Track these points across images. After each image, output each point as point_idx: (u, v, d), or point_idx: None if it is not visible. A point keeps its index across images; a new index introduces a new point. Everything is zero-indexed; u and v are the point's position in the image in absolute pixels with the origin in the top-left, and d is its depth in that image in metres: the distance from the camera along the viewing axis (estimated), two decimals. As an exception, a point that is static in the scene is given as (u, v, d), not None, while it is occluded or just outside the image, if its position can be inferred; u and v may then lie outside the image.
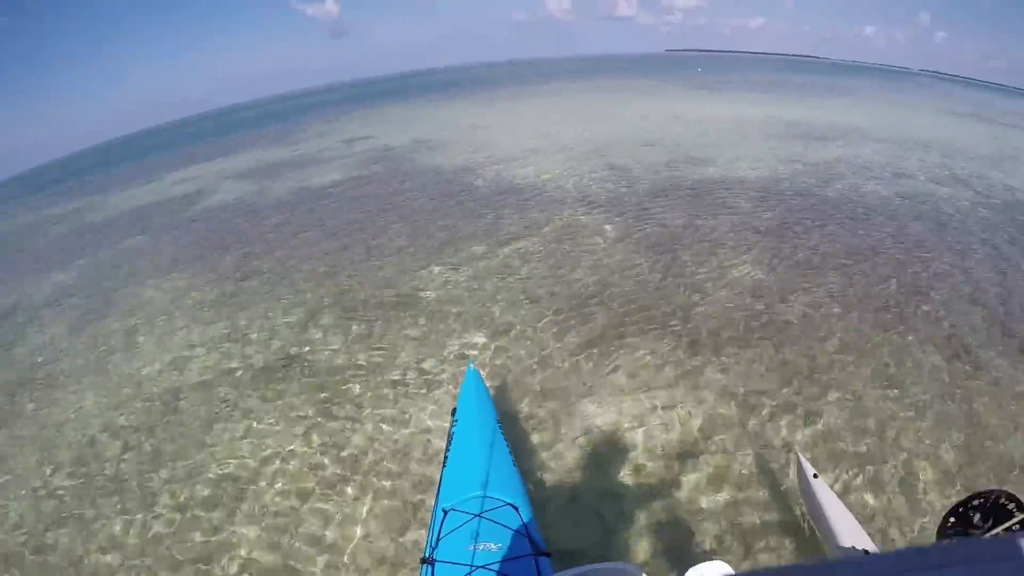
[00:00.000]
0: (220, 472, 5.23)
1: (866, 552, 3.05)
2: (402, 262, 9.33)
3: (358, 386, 6.20)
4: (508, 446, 3.89)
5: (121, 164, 37.81)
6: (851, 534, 3.50)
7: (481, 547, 3.02)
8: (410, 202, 12.92)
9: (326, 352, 6.94)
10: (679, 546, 4.12)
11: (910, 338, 6.66)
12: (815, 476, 3.93)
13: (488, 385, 5.26)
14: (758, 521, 4.29)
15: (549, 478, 4.76)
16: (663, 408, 5.52)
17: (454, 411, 4.22)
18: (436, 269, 8.90)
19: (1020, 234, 10.87)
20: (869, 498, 4.46)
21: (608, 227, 10.19)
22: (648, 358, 6.30)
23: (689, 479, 4.69)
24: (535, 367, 6.26)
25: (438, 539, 3.14)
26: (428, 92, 60.73)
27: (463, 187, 13.74)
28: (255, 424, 5.80)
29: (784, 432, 5.18)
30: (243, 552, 4.36)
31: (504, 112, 31.31)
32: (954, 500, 3.85)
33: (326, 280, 9.04)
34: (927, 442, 5.01)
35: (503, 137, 21.15)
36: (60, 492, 5.40)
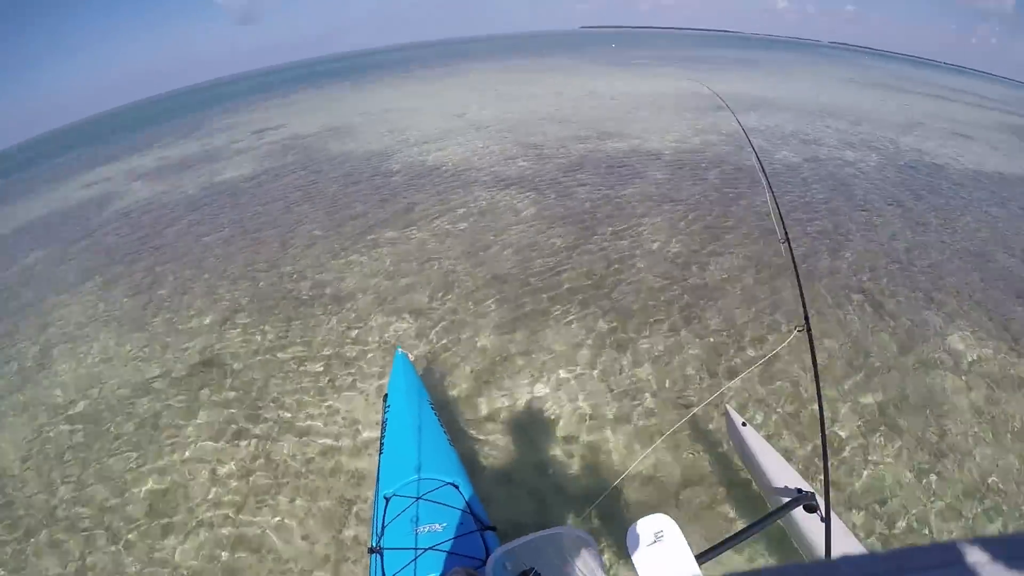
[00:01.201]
0: (149, 489, 5.10)
1: (800, 491, 3.37)
2: (319, 253, 9.28)
3: (283, 384, 6.18)
4: (443, 426, 4.03)
5: (17, 173, 35.72)
6: (781, 473, 3.84)
7: (426, 529, 3.13)
8: (324, 191, 12.80)
9: (247, 353, 6.86)
10: (620, 505, 4.40)
11: (822, 291, 7.36)
12: (743, 424, 4.26)
13: (417, 368, 5.35)
14: (695, 473, 4.65)
15: (487, 453, 4.94)
16: (591, 378, 5.81)
17: (386, 397, 4.30)
18: (354, 257, 8.90)
19: (924, 191, 12.18)
20: (790, 439, 4.97)
21: (524, 204, 10.49)
22: (573, 330, 6.60)
23: (623, 442, 5.00)
24: (462, 347, 6.44)
25: (383, 527, 3.23)
26: (341, 77, 59.70)
27: (377, 172, 13.72)
28: (181, 434, 5.70)
29: (711, 389, 5.58)
30: (183, 572, 4.32)
31: (418, 94, 31.13)
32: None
33: (242, 279, 8.89)
34: (844, 388, 5.63)
35: (417, 119, 21.18)
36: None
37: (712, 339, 6.34)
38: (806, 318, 3.36)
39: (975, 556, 0.46)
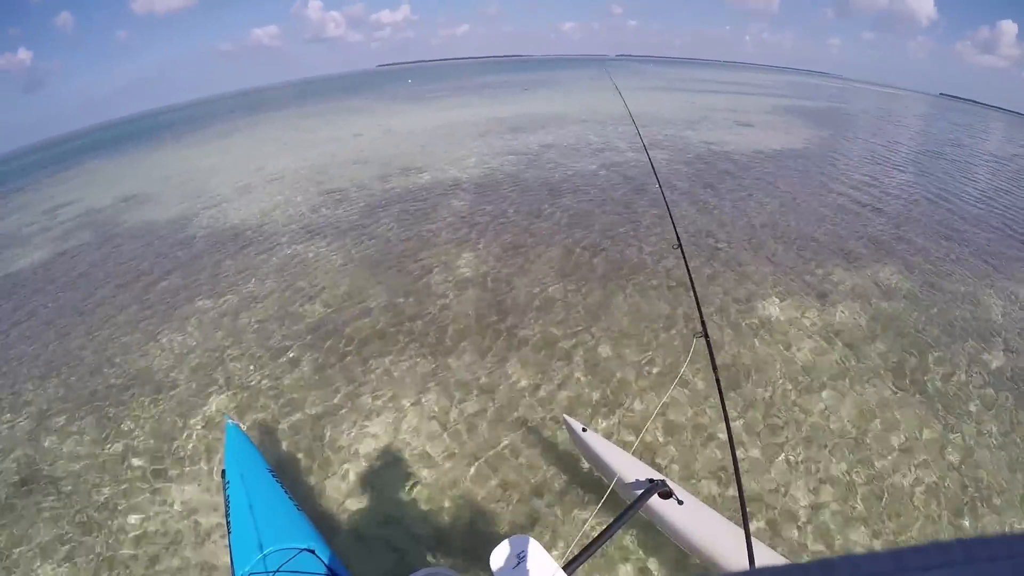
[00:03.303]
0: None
1: (651, 481, 3.61)
2: (126, 337, 8.48)
3: (108, 488, 5.45)
4: (287, 492, 3.85)
5: None
6: (630, 468, 3.99)
7: None
8: (124, 267, 11.77)
9: (65, 459, 5.99)
10: (480, 535, 4.39)
11: (628, 291, 7.96)
12: (584, 430, 4.38)
13: (251, 437, 4.96)
14: (547, 487, 4.73)
15: (337, 511, 4.75)
16: (424, 417, 5.76)
17: (223, 473, 4.03)
18: (165, 335, 8.20)
19: (714, 179, 13.79)
20: (631, 435, 5.21)
21: (331, 252, 10.30)
22: (398, 372, 6.51)
23: (470, 472, 4.98)
24: (291, 408, 6.14)
25: None
26: (135, 140, 56.06)
27: (180, 240, 12.82)
28: (5, 564, 4.88)
29: (546, 403, 5.75)
30: None
31: (215, 151, 29.78)
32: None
33: (49, 376, 7.84)
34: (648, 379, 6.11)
35: (215, 179, 20.24)
36: None
37: (542, 355, 6.57)
38: (703, 323, 3.65)
39: (976, 555, 0.46)
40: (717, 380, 3.24)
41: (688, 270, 3.99)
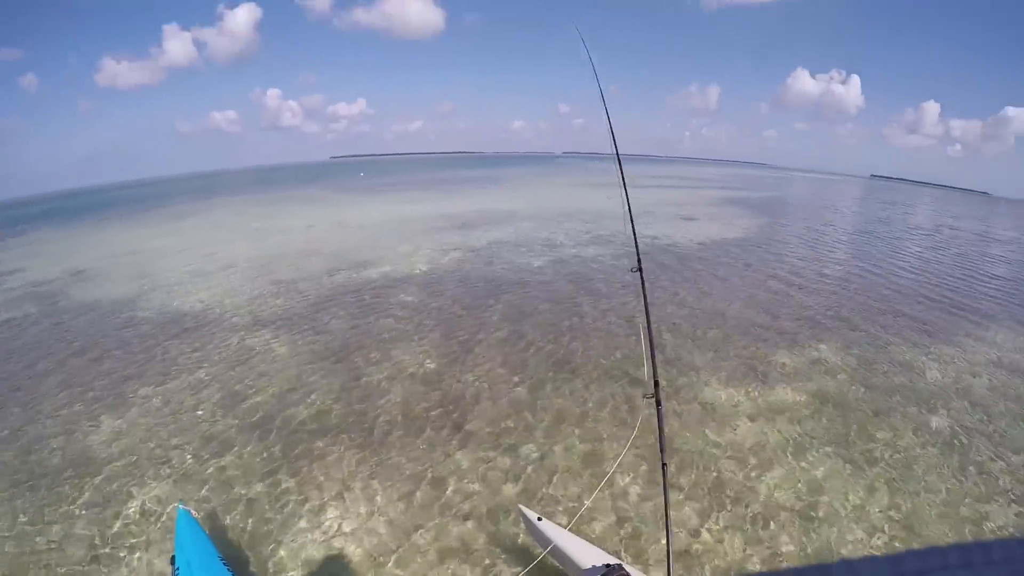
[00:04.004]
0: None
1: (608, 566, 3.54)
2: (66, 420, 8.08)
3: None
4: None
5: None
6: (589, 555, 3.98)
7: None
8: (68, 347, 11.29)
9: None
10: None
11: (577, 383, 8.01)
12: (539, 519, 4.38)
13: (202, 524, 4.73)
14: None
15: None
16: (374, 508, 5.61)
17: (172, 559, 3.92)
18: (105, 416, 7.84)
19: (659, 271, 14.30)
20: (585, 522, 5.10)
21: (278, 344, 10.11)
22: (345, 465, 6.38)
23: (421, 565, 4.82)
24: (238, 497, 5.92)
25: None
26: (87, 213, 55.06)
27: (126, 323, 12.43)
28: None
29: (496, 493, 5.66)
30: None
31: (168, 232, 29.37)
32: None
33: None
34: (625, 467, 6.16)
35: (167, 261, 19.96)
36: None
37: (478, 448, 6.50)
38: (656, 384, 3.60)
39: (975, 559, 0.41)
40: (661, 446, 3.26)
41: (648, 325, 3.97)
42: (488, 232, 20.60)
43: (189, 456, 6.75)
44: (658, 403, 3.54)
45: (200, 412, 7.86)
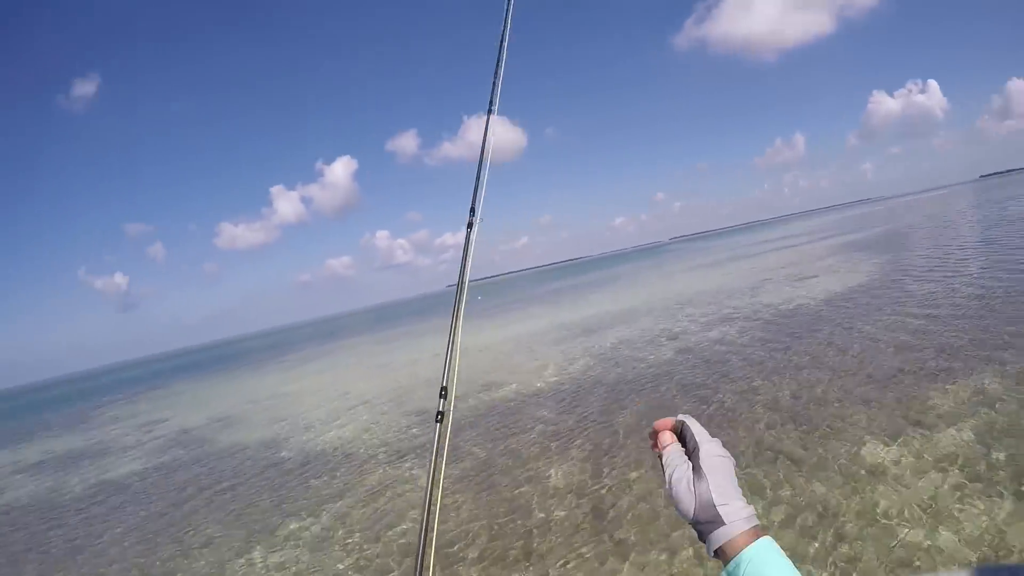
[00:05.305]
0: None
1: None
2: (218, 554, 8.61)
3: None
4: None
5: None
6: None
7: None
8: (217, 486, 12.30)
9: None
10: None
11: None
12: None
13: None
14: None
15: None
16: None
17: None
18: (256, 555, 8.24)
19: (789, 339, 13.65)
20: None
21: (420, 473, 10.28)
22: None
23: None
24: None
25: None
26: (220, 364, 60.74)
27: (269, 462, 13.30)
28: None
29: None
30: None
31: (298, 376, 31.58)
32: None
33: None
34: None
35: (301, 402, 21.57)
36: None
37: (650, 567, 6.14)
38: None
39: None
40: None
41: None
42: (610, 335, 20.46)
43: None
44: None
45: (348, 543, 8.07)
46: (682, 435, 0.92)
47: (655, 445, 0.94)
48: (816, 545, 5.41)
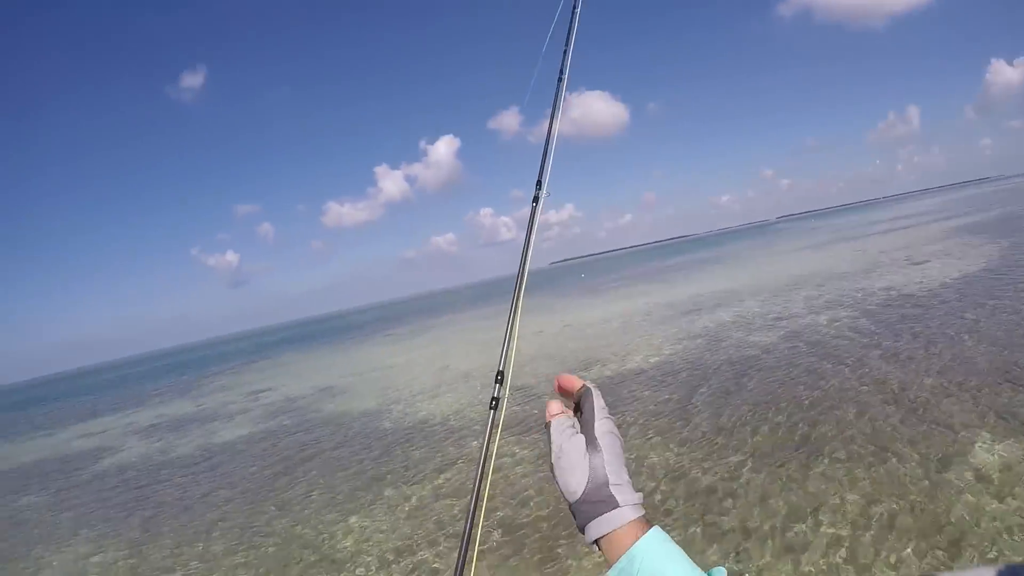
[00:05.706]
0: None
1: None
2: (318, 517, 9.11)
3: None
4: None
5: (14, 412, 35.79)
6: None
7: None
8: (319, 452, 13.11)
9: None
10: None
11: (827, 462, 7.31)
12: None
13: None
14: None
15: None
16: None
17: None
18: (354, 521, 8.62)
19: (905, 324, 13.03)
20: None
21: (519, 448, 10.24)
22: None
23: None
24: None
25: None
26: (326, 337, 63.25)
27: (372, 431, 13.93)
28: None
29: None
30: None
31: (402, 350, 32.35)
32: None
33: (240, 546, 8.58)
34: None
35: (403, 375, 22.12)
36: None
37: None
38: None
39: None
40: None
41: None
42: (715, 315, 20.03)
43: (436, 557, 7.03)
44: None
45: (442, 513, 8.20)
46: (579, 404, 0.89)
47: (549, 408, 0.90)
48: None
